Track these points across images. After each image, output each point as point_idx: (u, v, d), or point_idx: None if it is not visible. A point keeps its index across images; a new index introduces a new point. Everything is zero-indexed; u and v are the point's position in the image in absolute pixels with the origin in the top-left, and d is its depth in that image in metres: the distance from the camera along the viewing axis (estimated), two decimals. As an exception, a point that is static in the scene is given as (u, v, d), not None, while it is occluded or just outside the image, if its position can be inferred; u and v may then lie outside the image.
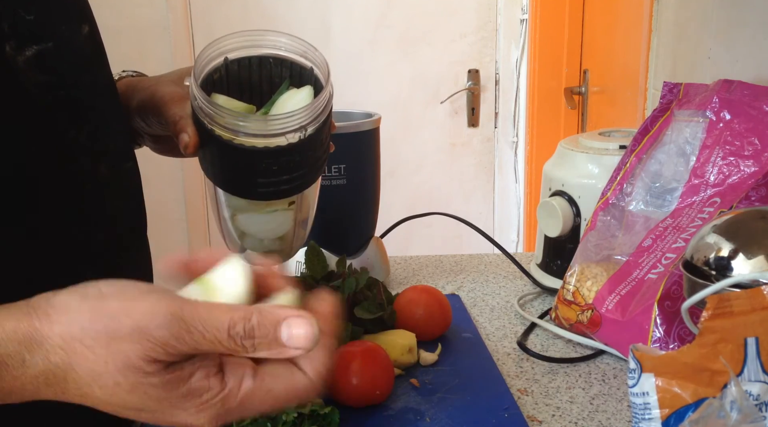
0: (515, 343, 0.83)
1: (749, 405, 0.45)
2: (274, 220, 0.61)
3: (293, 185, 0.58)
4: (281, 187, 0.57)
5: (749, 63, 0.90)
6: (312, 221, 0.65)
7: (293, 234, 0.63)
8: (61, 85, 0.54)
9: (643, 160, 0.83)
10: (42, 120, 0.52)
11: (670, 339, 0.69)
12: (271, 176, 0.55)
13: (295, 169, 0.56)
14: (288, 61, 0.60)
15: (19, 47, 0.50)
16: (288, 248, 0.65)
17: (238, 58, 0.59)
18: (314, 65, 0.59)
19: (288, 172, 0.56)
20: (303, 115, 0.54)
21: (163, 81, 0.64)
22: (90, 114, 0.57)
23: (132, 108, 0.65)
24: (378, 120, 0.95)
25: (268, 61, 0.60)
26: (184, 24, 2.29)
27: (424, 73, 2.39)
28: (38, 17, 0.52)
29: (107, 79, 0.63)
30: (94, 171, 0.57)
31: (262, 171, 0.55)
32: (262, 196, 0.58)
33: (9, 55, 0.49)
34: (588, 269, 0.81)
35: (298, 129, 0.54)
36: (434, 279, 1.05)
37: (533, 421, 0.67)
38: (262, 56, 0.60)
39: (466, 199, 2.50)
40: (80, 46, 0.58)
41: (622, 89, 1.60)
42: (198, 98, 0.54)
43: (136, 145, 0.72)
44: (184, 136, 0.57)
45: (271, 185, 0.56)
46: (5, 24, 0.49)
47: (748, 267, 0.53)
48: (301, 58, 0.60)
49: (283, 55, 0.60)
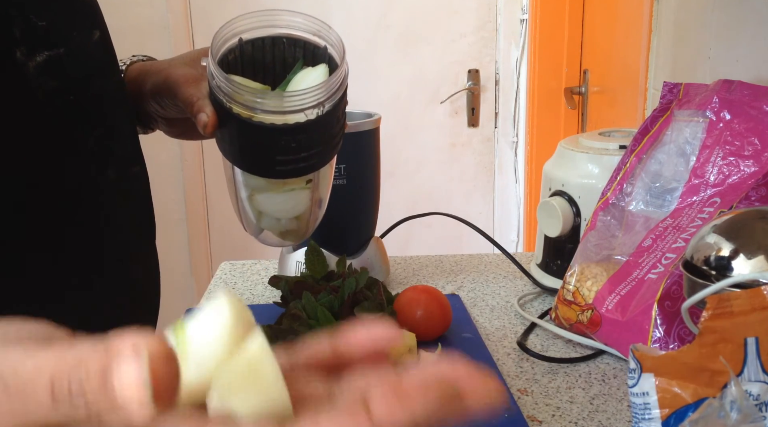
0: (515, 343, 0.83)
1: (749, 405, 0.45)
2: (291, 199, 0.62)
3: (311, 163, 0.58)
4: (299, 165, 0.57)
5: (749, 63, 0.90)
6: (327, 201, 0.65)
7: (309, 213, 0.64)
8: (71, 90, 0.54)
9: (643, 160, 0.83)
10: (51, 125, 0.52)
11: (670, 339, 0.69)
12: (290, 154, 0.56)
13: (313, 147, 0.57)
14: (301, 41, 0.60)
15: (30, 53, 0.50)
16: (304, 228, 0.65)
17: (252, 39, 0.60)
18: (329, 44, 0.59)
19: (306, 150, 0.56)
20: (321, 90, 0.54)
21: (176, 63, 0.64)
22: (99, 119, 0.57)
23: (146, 91, 0.65)
24: (378, 120, 0.95)
25: (281, 41, 0.60)
26: (184, 24, 2.29)
27: (424, 73, 2.39)
28: (50, 23, 0.52)
29: (117, 84, 0.63)
30: (102, 176, 0.57)
31: (280, 149, 0.56)
32: (281, 174, 0.58)
33: (20, 60, 0.49)
34: (588, 269, 0.81)
35: (316, 105, 0.54)
36: (434, 279, 1.05)
37: (533, 421, 0.67)
38: (276, 37, 0.60)
39: (466, 199, 2.50)
40: (91, 51, 0.58)
41: (622, 89, 1.60)
42: (216, 77, 0.54)
43: (149, 130, 0.72)
44: (203, 116, 0.57)
45: (289, 163, 0.57)
46: (17, 30, 0.49)
47: (748, 267, 0.53)
48: (316, 38, 0.60)
49: (297, 34, 0.60)
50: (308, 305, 0.76)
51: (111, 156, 0.59)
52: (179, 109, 0.63)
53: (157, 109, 0.67)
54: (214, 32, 0.59)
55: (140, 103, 0.67)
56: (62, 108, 0.53)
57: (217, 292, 0.33)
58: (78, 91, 0.54)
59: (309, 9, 2.51)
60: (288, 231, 0.65)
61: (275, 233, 0.65)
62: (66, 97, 0.53)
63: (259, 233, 0.65)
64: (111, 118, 0.60)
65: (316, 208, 0.64)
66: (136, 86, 0.66)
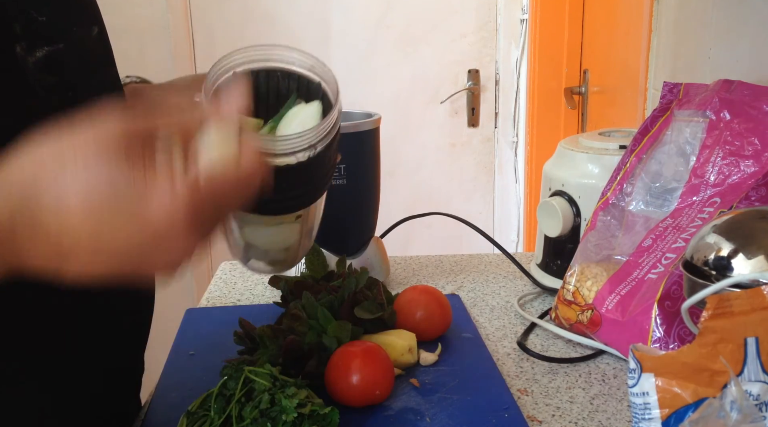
0: (515, 343, 0.83)
1: (749, 405, 0.45)
2: (280, 233, 0.62)
3: (301, 200, 0.58)
4: (289, 203, 0.58)
5: (749, 63, 0.90)
6: (317, 230, 0.66)
7: (298, 245, 0.64)
8: (70, 86, 0.54)
9: (643, 160, 0.83)
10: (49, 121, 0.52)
11: (670, 339, 0.69)
12: (280, 193, 0.56)
13: (304, 186, 0.57)
14: (296, 73, 0.61)
15: (30, 48, 0.50)
16: (292, 258, 0.66)
17: (246, 71, 0.60)
18: (323, 81, 0.60)
19: (296, 189, 0.57)
20: (313, 134, 0.54)
21: (169, 90, 0.65)
22: None
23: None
24: (378, 120, 0.95)
25: (275, 73, 0.61)
26: (184, 24, 2.29)
27: (424, 73, 2.39)
28: (50, 19, 0.52)
29: (114, 80, 0.63)
30: None
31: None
32: (271, 211, 0.58)
33: (19, 56, 0.49)
34: (588, 269, 0.81)
35: (308, 148, 0.54)
36: (434, 279, 1.05)
37: (533, 421, 0.67)
38: (270, 69, 0.61)
39: (466, 199, 2.50)
40: (90, 47, 0.58)
41: (622, 89, 1.60)
42: None
43: None
44: None
45: (279, 201, 0.57)
46: (17, 25, 0.49)
47: (748, 267, 0.53)
48: (310, 73, 0.61)
49: (293, 69, 0.60)
50: (308, 305, 0.76)
51: None
52: None
53: None
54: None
55: None
56: (60, 104, 0.53)
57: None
58: (76, 87, 0.54)
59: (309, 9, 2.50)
60: (276, 261, 0.65)
61: (263, 262, 0.65)
62: (64, 93, 0.53)
63: (247, 261, 0.65)
64: None
65: (306, 239, 0.65)
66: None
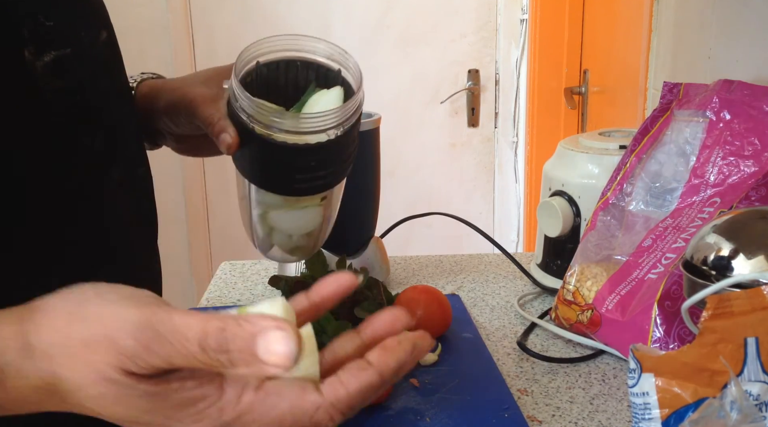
0: (515, 343, 0.83)
1: (749, 405, 0.45)
2: (305, 216, 0.64)
3: (327, 181, 0.61)
4: (316, 183, 0.60)
5: (749, 63, 0.90)
6: (335, 217, 0.68)
7: (320, 230, 0.66)
8: (78, 90, 0.54)
9: (643, 160, 0.83)
10: (57, 125, 0.52)
11: (670, 339, 0.69)
12: (309, 172, 0.58)
13: (330, 165, 0.59)
14: (314, 64, 0.62)
15: (38, 53, 0.50)
16: (313, 244, 0.68)
17: (267, 62, 0.61)
18: (346, 68, 0.62)
19: (324, 168, 0.59)
20: (341, 112, 0.56)
21: (191, 82, 0.65)
22: (105, 120, 0.58)
23: (159, 109, 0.66)
24: (378, 120, 0.95)
25: (295, 64, 0.62)
26: (184, 24, 2.29)
27: (424, 73, 2.39)
28: (58, 23, 0.52)
29: (123, 85, 0.63)
30: (107, 176, 0.58)
31: (300, 167, 0.58)
32: (299, 192, 0.60)
33: (28, 60, 0.49)
34: (588, 269, 0.81)
35: (337, 125, 0.57)
36: (434, 279, 1.05)
37: (533, 421, 0.67)
38: (290, 59, 0.62)
39: (466, 199, 2.50)
40: (98, 52, 0.58)
41: (622, 89, 1.60)
42: (240, 98, 0.56)
43: (156, 146, 0.72)
44: (226, 137, 0.58)
45: (307, 181, 0.59)
46: (25, 30, 0.49)
47: (748, 267, 0.53)
48: (333, 62, 0.62)
49: (317, 59, 0.62)
50: (308, 305, 0.76)
51: (115, 157, 0.59)
52: (194, 127, 0.64)
53: (169, 127, 0.67)
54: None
55: (151, 120, 0.67)
56: (68, 108, 0.53)
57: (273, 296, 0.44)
58: (84, 92, 0.55)
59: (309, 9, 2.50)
60: (297, 247, 0.67)
61: (285, 249, 0.67)
62: (72, 98, 0.53)
63: (269, 248, 0.67)
64: (116, 119, 0.60)
65: (327, 224, 0.67)
66: (147, 103, 0.66)
